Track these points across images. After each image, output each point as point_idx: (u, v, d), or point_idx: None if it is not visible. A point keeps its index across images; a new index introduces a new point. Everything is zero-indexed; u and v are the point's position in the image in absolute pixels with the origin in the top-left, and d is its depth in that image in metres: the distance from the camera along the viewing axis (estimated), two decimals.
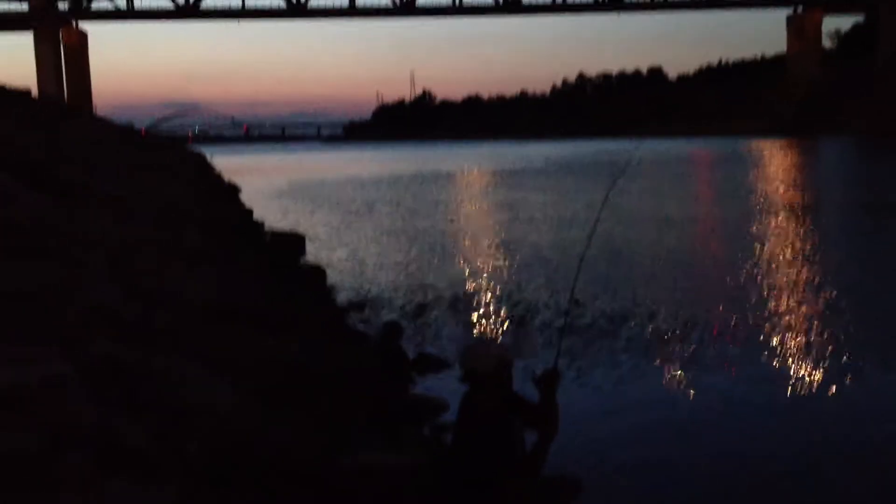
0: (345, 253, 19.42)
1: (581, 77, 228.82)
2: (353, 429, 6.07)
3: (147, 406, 4.40)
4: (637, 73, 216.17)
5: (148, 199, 16.56)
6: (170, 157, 42.85)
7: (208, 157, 39.01)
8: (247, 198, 35.23)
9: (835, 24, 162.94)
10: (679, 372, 8.96)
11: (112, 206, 13.07)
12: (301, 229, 23.14)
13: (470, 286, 14.59)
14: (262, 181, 53.13)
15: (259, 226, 23.52)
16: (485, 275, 15.78)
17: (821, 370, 8.88)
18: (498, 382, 4.36)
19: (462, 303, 13.17)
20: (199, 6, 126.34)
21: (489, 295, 13.73)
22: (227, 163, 72.13)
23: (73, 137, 23.85)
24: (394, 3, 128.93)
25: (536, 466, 4.48)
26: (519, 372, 6.58)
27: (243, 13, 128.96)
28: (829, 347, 9.72)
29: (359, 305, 13.14)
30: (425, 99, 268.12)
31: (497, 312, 12.42)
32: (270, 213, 29.72)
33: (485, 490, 4.16)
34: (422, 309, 12.83)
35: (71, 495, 3.09)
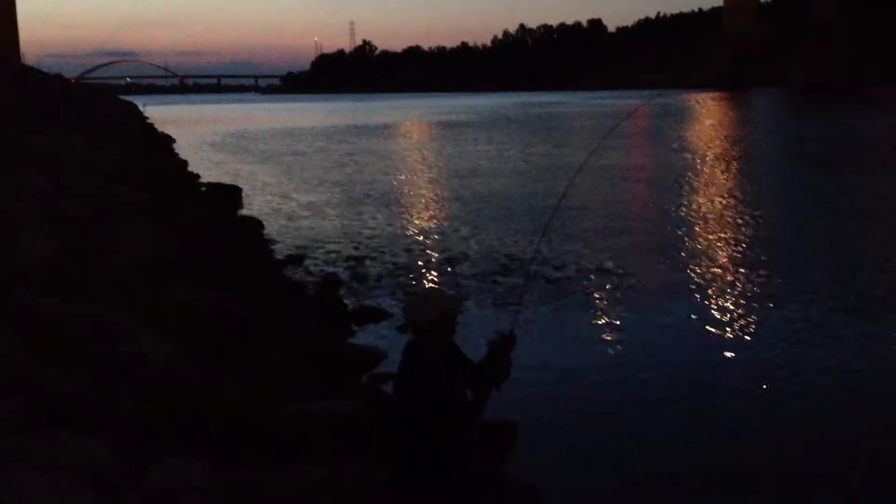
0: (283, 205, 19.23)
1: (522, 29, 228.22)
2: (290, 379, 6.11)
3: (79, 358, 4.37)
4: (577, 25, 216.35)
5: (78, 150, 16.15)
6: (100, 107, 41.70)
7: (141, 107, 37.95)
8: (181, 149, 34.60)
9: None
10: (617, 323, 9.10)
11: (41, 159, 12.73)
12: (238, 181, 22.82)
13: (410, 238, 14.61)
14: (198, 132, 52.01)
15: (194, 177, 23.16)
16: (424, 227, 15.82)
17: (762, 320, 9.06)
18: (442, 332, 4.46)
19: (402, 255, 13.18)
20: None
21: (430, 247, 13.77)
22: (160, 113, 70.18)
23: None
24: None
25: (475, 414, 4.61)
26: (477, 336, 6.67)
27: None
28: (777, 299, 9.88)
29: (297, 258, 13.07)
30: (365, 50, 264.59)
31: (439, 264, 12.46)
32: (206, 164, 29.20)
33: (425, 435, 4.26)
34: (361, 261, 12.82)
35: (1, 444, 3.07)
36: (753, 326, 8.82)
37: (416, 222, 16.37)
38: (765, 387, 7.05)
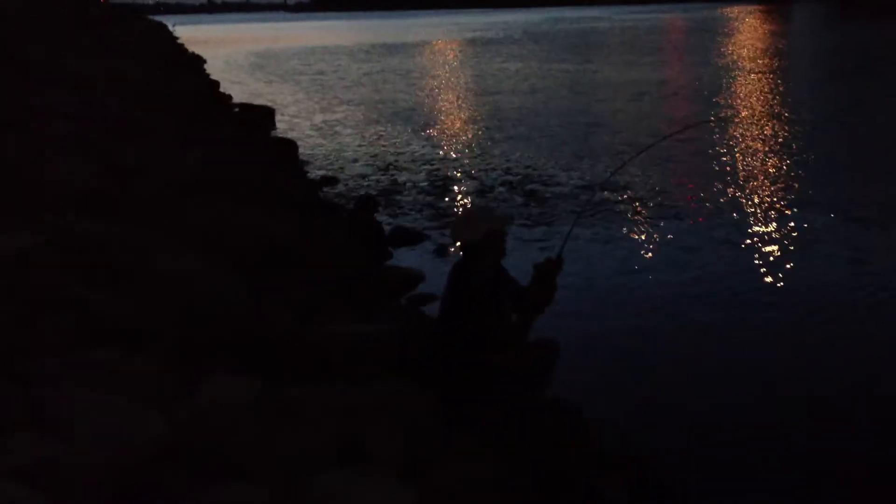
0: (316, 126, 19.08)
1: None
2: (329, 299, 6.10)
3: (122, 278, 4.37)
4: None
5: (109, 71, 16.07)
6: (130, 27, 41.40)
7: (170, 27, 37.56)
8: (212, 69, 34.30)
9: None
10: (657, 244, 8.99)
11: (73, 80, 12.68)
12: (268, 102, 22.65)
13: (444, 158, 14.46)
14: (226, 52, 51.57)
15: (226, 98, 23.02)
16: (459, 147, 15.63)
17: (808, 236, 8.93)
18: (488, 252, 4.38)
19: (437, 175, 13.05)
20: None
21: (465, 167, 13.61)
22: (189, 33, 69.63)
23: (26, 10, 22.86)
24: None
25: (520, 337, 4.57)
26: (525, 258, 6.59)
27: None
28: (822, 215, 9.73)
29: (332, 179, 13.01)
30: None
31: (475, 184, 12.31)
32: (236, 85, 28.98)
33: (470, 356, 4.24)
34: (395, 181, 12.72)
35: (51, 362, 3.09)
36: (798, 242, 8.69)
37: (452, 142, 16.17)
38: (812, 306, 6.95)
